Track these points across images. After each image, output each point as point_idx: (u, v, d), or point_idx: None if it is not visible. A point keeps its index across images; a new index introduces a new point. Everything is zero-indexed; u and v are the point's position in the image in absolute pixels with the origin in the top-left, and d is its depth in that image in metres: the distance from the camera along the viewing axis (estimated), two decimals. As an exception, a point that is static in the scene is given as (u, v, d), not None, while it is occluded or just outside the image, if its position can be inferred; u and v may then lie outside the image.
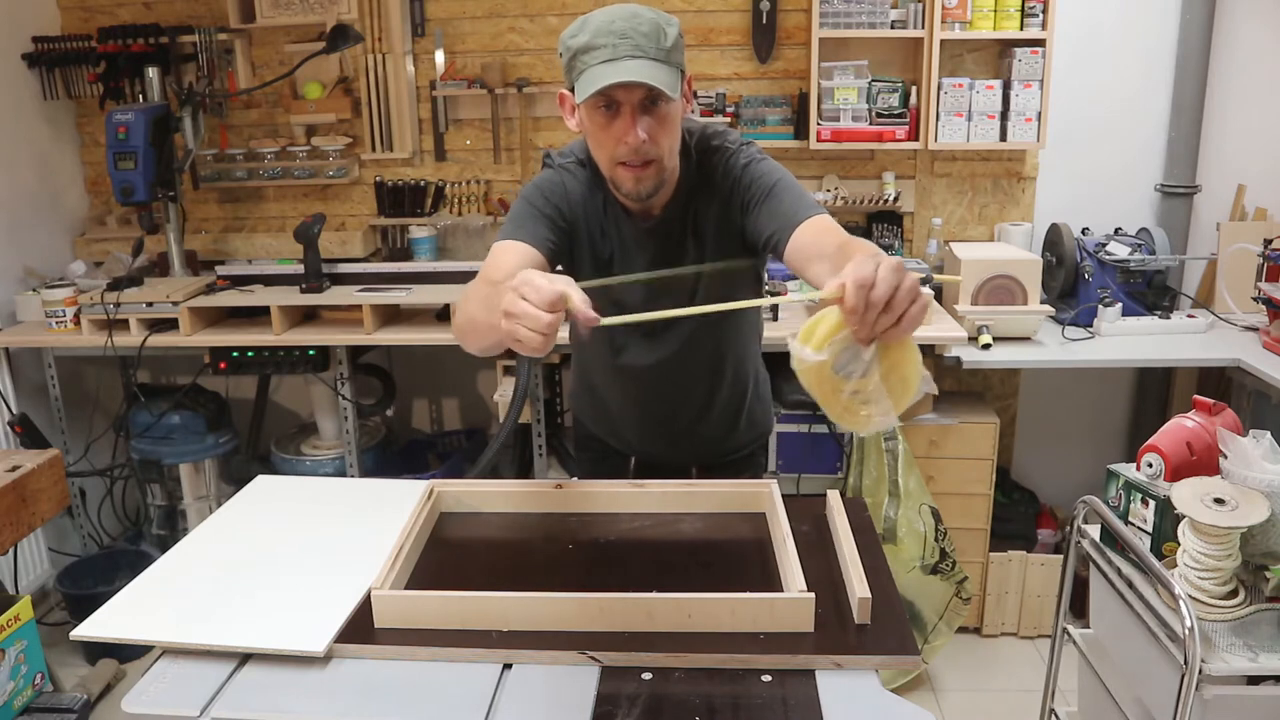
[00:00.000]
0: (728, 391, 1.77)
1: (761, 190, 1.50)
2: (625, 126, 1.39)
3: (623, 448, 1.87)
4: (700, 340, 1.67)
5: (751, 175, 1.52)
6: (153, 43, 3.16)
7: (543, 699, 1.18)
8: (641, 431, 1.83)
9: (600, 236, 1.58)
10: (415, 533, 1.48)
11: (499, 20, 3.22)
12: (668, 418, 1.78)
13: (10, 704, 1.88)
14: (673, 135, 1.45)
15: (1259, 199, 3.09)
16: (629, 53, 1.35)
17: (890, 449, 2.72)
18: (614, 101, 1.38)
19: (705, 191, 1.55)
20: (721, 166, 1.54)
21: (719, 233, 1.56)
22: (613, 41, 1.34)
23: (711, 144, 1.56)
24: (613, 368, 1.73)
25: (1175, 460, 1.61)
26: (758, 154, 1.56)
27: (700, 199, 1.55)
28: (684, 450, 1.82)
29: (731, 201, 1.54)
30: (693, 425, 1.79)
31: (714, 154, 1.55)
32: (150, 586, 1.43)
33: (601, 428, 1.89)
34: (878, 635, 1.27)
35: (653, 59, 1.36)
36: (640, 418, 1.81)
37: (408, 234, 3.28)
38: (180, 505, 3.17)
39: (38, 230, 3.25)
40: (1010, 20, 2.92)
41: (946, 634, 2.75)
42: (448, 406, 3.61)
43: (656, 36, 1.37)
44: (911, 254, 3.27)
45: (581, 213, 1.57)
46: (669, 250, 1.57)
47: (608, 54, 1.35)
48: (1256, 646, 1.48)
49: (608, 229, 1.58)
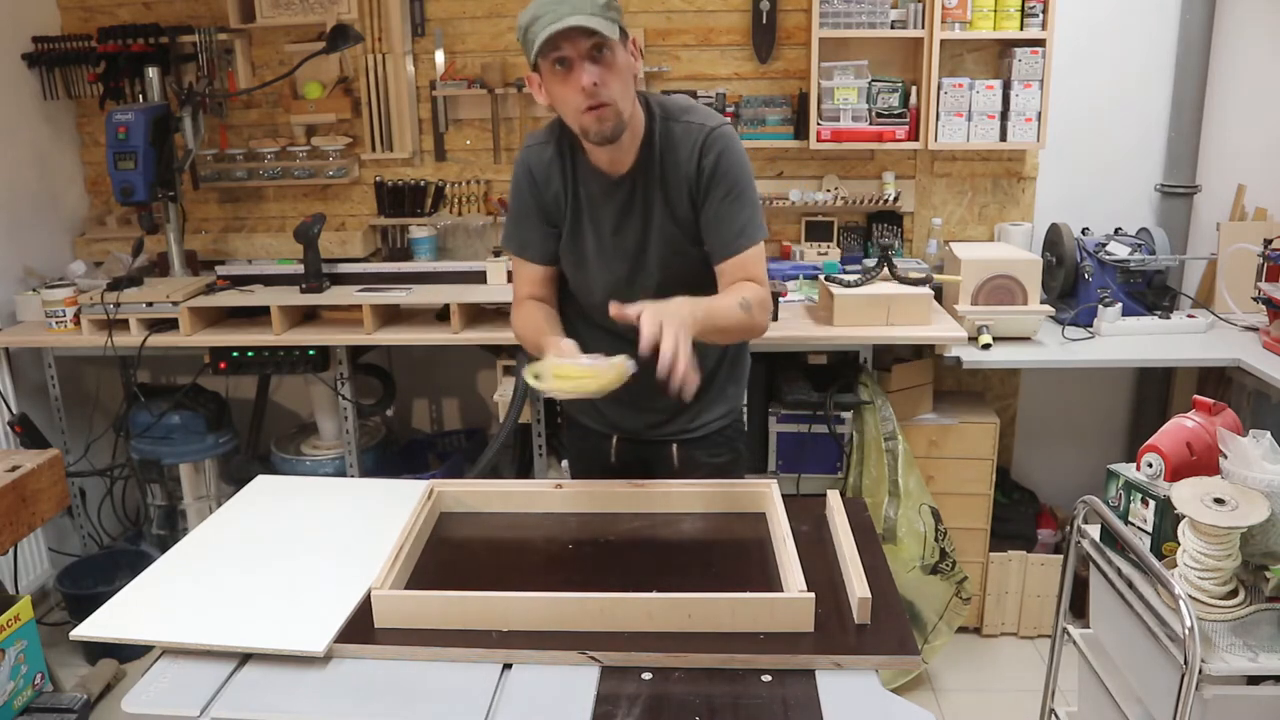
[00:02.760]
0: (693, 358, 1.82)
1: (716, 194, 1.69)
2: (578, 75, 1.56)
3: (601, 426, 1.95)
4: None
5: (717, 166, 1.68)
6: (153, 43, 3.15)
7: (543, 699, 1.18)
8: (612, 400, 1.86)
9: (569, 197, 1.76)
10: (415, 533, 1.48)
11: (499, 20, 3.22)
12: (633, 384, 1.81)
13: (10, 704, 1.88)
14: (623, 81, 1.61)
15: (1259, 199, 3.09)
16: (568, 12, 1.52)
17: (890, 449, 2.72)
18: (565, 58, 1.56)
19: (673, 154, 1.70)
20: (692, 136, 1.69)
21: (680, 193, 1.71)
22: (553, 7, 1.53)
23: (688, 117, 1.71)
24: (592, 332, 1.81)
25: (1175, 460, 1.61)
26: (729, 142, 1.70)
27: (667, 159, 1.70)
28: (655, 422, 1.89)
29: (694, 177, 1.70)
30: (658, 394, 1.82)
31: (689, 127, 1.70)
32: (150, 586, 1.43)
33: (580, 403, 1.96)
34: (878, 635, 1.27)
35: (590, 14, 1.53)
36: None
37: (408, 234, 3.28)
38: (180, 505, 3.17)
39: (38, 230, 3.25)
40: (1010, 20, 2.92)
41: (946, 634, 2.75)
42: (448, 406, 3.61)
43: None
44: (911, 254, 3.27)
45: (548, 178, 1.76)
46: (634, 201, 1.73)
47: (551, 18, 1.52)
48: (1256, 646, 1.48)
49: (577, 189, 1.75)
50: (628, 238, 1.74)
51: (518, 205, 1.80)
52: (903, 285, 2.77)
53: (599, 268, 1.77)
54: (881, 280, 2.81)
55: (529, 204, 1.78)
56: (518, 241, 1.82)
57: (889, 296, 2.72)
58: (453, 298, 2.84)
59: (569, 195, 1.76)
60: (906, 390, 2.87)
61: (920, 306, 2.73)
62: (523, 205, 1.79)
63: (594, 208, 1.75)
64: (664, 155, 1.70)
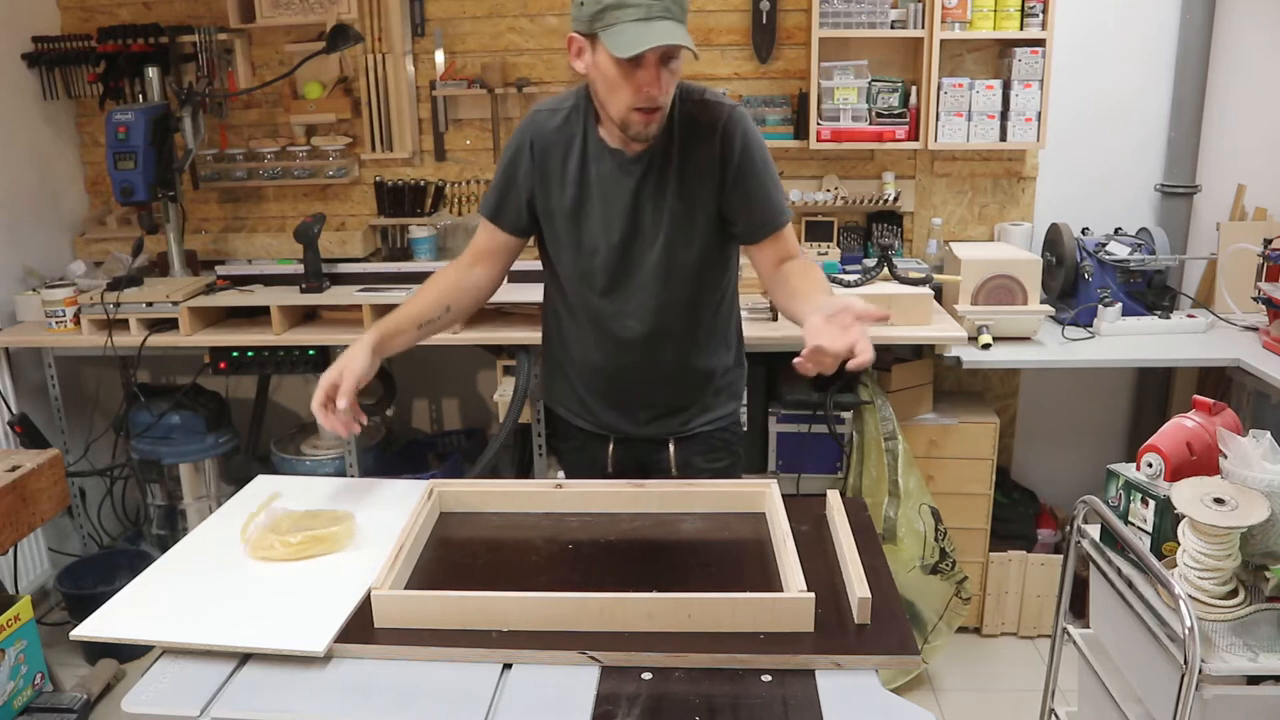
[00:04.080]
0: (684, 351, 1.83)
1: (751, 171, 1.69)
2: (649, 79, 1.52)
3: (596, 428, 1.92)
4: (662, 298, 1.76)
5: (747, 146, 1.68)
6: (153, 43, 3.15)
7: (543, 699, 1.18)
8: (605, 397, 1.89)
9: (577, 171, 1.71)
10: (415, 533, 1.48)
11: (499, 20, 3.22)
12: (628, 373, 1.84)
13: (10, 704, 1.88)
14: (676, 84, 1.61)
15: (1259, 199, 3.09)
16: (661, 14, 1.47)
17: (890, 449, 2.72)
18: (640, 56, 1.48)
19: (694, 134, 1.68)
20: (712, 117, 1.68)
21: (701, 174, 1.69)
22: (646, 1, 1.46)
23: (705, 96, 1.70)
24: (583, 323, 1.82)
25: (1175, 460, 1.61)
26: (750, 122, 1.71)
27: (687, 140, 1.68)
28: (646, 415, 1.87)
29: (722, 157, 1.68)
30: (651, 383, 1.84)
31: (708, 106, 1.69)
32: (150, 586, 1.43)
33: (573, 406, 1.94)
34: (878, 635, 1.27)
35: (678, 21, 1.49)
36: (603, 381, 1.87)
37: (408, 234, 3.28)
38: (180, 505, 3.17)
39: (38, 230, 3.25)
40: (1010, 20, 2.92)
41: (946, 634, 2.75)
42: (448, 406, 3.61)
43: None
44: (911, 254, 3.27)
45: (555, 151, 1.72)
46: (650, 181, 1.69)
47: (642, 13, 1.46)
48: (1256, 646, 1.48)
49: (588, 163, 1.71)
50: (638, 216, 1.71)
51: (506, 173, 1.77)
52: (903, 285, 2.78)
53: (602, 243, 1.74)
54: (881, 280, 2.81)
55: (516, 176, 1.76)
56: (493, 206, 1.80)
57: (889, 296, 2.72)
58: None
59: (579, 169, 1.71)
60: (906, 390, 2.87)
61: (920, 306, 2.73)
62: (510, 175, 1.76)
63: (604, 185, 1.71)
64: (684, 137, 1.68)
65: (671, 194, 1.70)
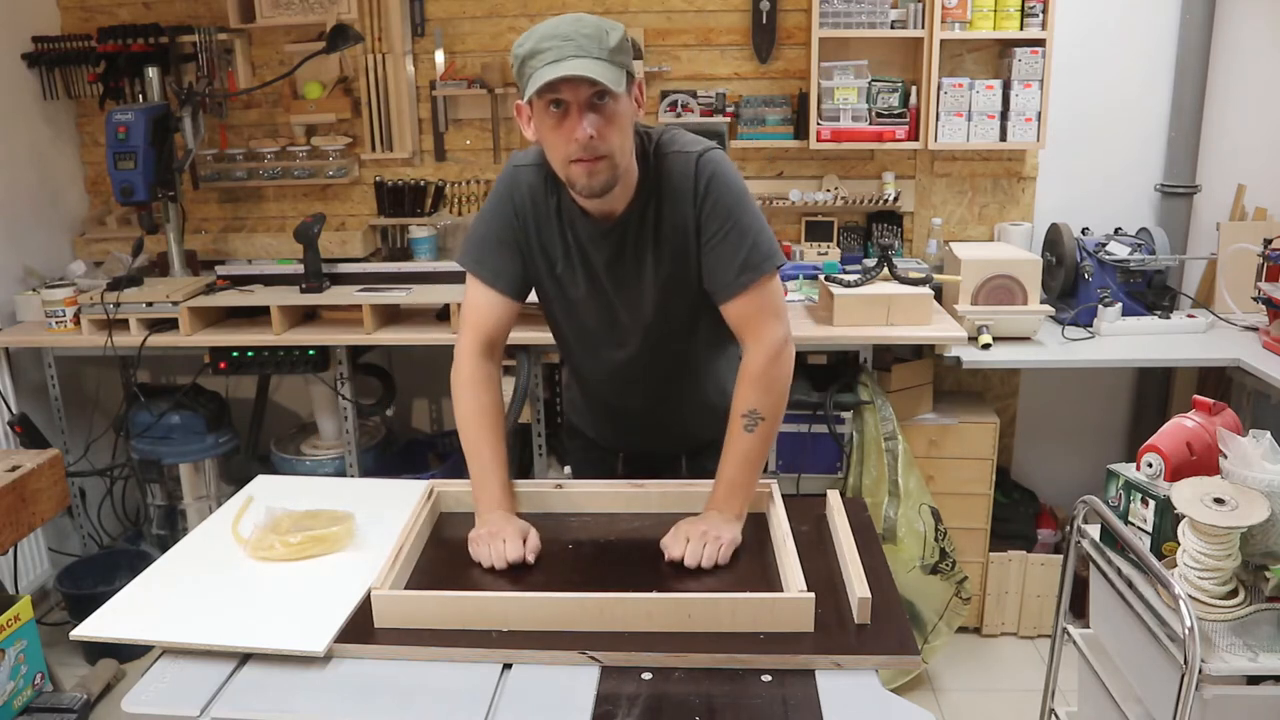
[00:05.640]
0: (695, 391, 1.81)
1: (712, 230, 1.56)
2: (573, 124, 1.43)
3: (606, 443, 1.93)
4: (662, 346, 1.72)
5: (713, 198, 1.55)
6: (153, 43, 3.15)
7: (543, 699, 1.18)
8: (617, 429, 1.90)
9: (555, 237, 1.62)
10: (415, 533, 1.48)
11: (499, 20, 3.22)
12: (640, 414, 1.84)
13: (10, 704, 1.88)
14: (622, 133, 1.48)
15: (1259, 199, 3.09)
16: (573, 53, 1.39)
17: (890, 449, 2.72)
18: (562, 101, 1.43)
19: (665, 196, 1.57)
20: (679, 171, 1.56)
21: (676, 236, 1.59)
22: (557, 44, 1.40)
23: (671, 150, 1.58)
24: (586, 368, 1.80)
25: (1175, 460, 1.61)
26: (718, 165, 1.57)
27: (661, 203, 1.58)
28: (662, 443, 1.88)
29: (692, 213, 1.57)
30: (664, 421, 1.84)
31: (673, 159, 1.57)
32: (150, 586, 1.43)
33: (584, 421, 1.96)
34: (878, 635, 1.27)
35: (595, 58, 1.40)
36: (615, 415, 1.88)
37: (408, 234, 3.28)
38: (180, 505, 3.17)
39: (38, 230, 3.25)
40: (1010, 20, 2.92)
41: (946, 634, 2.75)
42: (448, 406, 3.61)
43: (599, 38, 1.42)
44: (911, 254, 3.27)
45: (534, 212, 1.62)
46: (627, 252, 1.60)
47: (553, 55, 1.39)
48: (1256, 646, 1.48)
49: (564, 229, 1.61)
50: (620, 284, 1.62)
51: (495, 227, 1.64)
52: (903, 285, 2.77)
53: (588, 310, 1.67)
54: (881, 280, 2.81)
55: (507, 231, 1.63)
56: (491, 269, 1.63)
57: (889, 296, 2.72)
58: (453, 298, 2.84)
59: (560, 234, 1.61)
60: (906, 390, 2.87)
61: (920, 306, 2.73)
62: (500, 229, 1.63)
63: (583, 251, 1.61)
64: (660, 197, 1.57)
65: (651, 259, 1.60)
